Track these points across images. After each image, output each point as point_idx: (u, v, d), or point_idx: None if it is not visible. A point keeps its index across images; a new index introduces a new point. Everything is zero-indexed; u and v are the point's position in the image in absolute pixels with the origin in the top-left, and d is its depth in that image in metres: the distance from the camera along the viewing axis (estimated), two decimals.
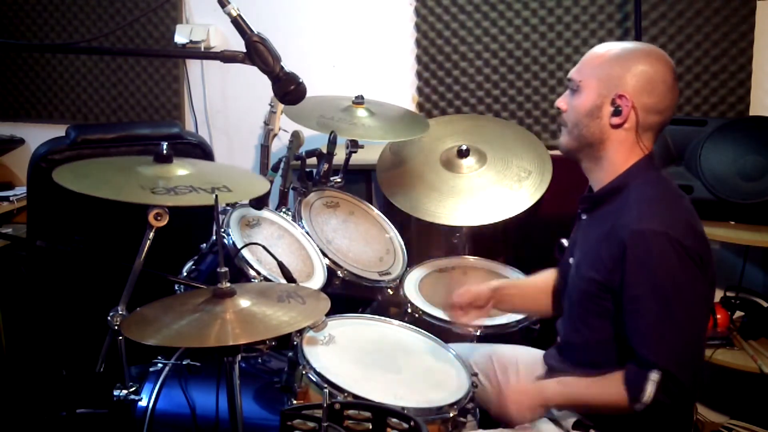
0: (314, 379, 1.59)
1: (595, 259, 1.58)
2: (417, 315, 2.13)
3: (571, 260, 1.71)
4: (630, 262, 1.49)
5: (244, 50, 1.42)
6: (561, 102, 1.69)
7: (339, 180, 2.49)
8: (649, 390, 1.46)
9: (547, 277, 1.96)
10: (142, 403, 1.75)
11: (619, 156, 1.61)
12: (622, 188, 1.60)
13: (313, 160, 2.40)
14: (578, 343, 1.68)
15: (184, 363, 1.78)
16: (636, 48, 1.63)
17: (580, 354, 1.67)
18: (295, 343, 1.71)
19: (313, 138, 2.57)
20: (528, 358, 1.92)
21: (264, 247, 1.75)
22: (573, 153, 1.69)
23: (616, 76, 1.58)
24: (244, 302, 1.38)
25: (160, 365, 1.81)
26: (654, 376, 1.46)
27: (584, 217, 1.72)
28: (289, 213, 2.30)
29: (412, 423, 1.41)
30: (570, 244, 1.77)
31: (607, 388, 1.54)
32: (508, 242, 2.74)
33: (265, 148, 2.60)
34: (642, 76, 1.57)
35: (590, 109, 1.61)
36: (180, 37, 3.12)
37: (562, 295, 1.79)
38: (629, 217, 1.52)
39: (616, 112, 1.58)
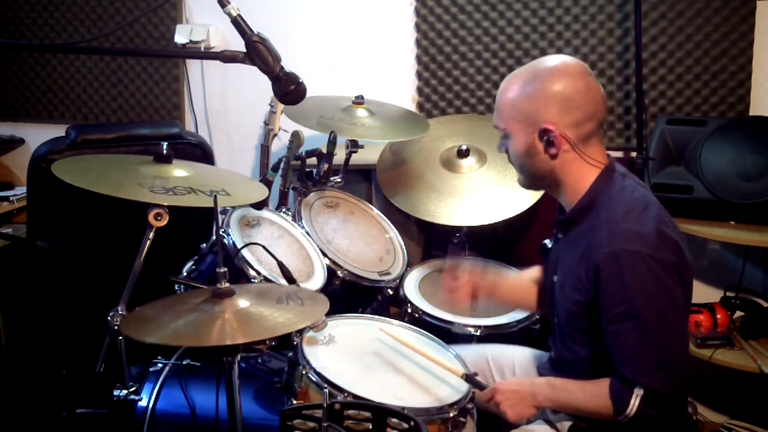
0: (314, 379, 1.59)
1: (575, 280, 1.58)
2: (417, 315, 2.13)
3: (555, 278, 1.72)
4: (604, 284, 1.49)
5: (244, 50, 1.42)
6: (501, 148, 1.70)
7: (339, 180, 2.49)
8: (633, 404, 1.47)
9: (532, 274, 1.99)
10: (142, 403, 1.75)
11: (575, 175, 1.62)
12: (590, 207, 1.60)
13: (313, 160, 2.40)
14: (570, 360, 1.69)
15: (184, 363, 1.78)
16: (536, 73, 1.59)
17: (572, 369, 1.68)
18: (295, 343, 1.71)
19: (313, 138, 2.56)
20: (524, 358, 1.93)
21: (264, 247, 1.75)
22: (533, 188, 1.75)
23: (531, 111, 1.58)
24: (242, 302, 1.38)
25: (160, 365, 1.81)
26: (638, 392, 1.47)
27: (560, 236, 1.72)
28: (289, 213, 2.30)
29: (412, 423, 1.41)
30: (551, 261, 1.76)
31: (595, 397, 1.55)
32: (508, 242, 2.74)
33: (265, 148, 2.60)
34: (554, 99, 1.55)
35: (525, 150, 1.62)
36: (180, 37, 3.11)
37: (549, 310, 1.80)
38: (600, 237, 1.52)
39: (549, 144, 1.58)
